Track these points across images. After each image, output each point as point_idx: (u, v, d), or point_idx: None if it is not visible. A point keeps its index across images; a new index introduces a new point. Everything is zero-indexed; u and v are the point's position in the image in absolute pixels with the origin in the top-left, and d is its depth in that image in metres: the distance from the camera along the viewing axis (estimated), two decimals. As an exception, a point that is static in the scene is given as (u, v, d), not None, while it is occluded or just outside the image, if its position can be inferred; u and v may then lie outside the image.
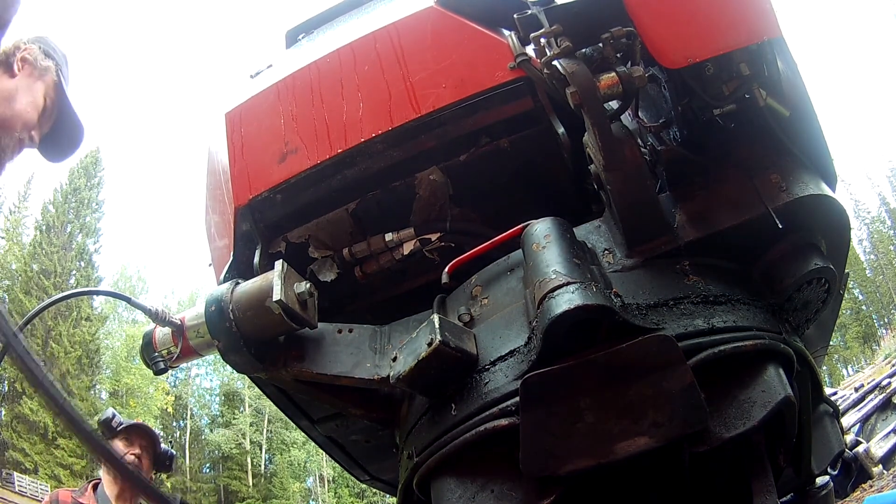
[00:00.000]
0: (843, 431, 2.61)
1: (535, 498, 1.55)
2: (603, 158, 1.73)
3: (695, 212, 1.85)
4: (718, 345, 1.60)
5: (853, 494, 3.91)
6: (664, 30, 1.69)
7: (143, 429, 3.11)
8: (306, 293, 1.96)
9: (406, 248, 2.32)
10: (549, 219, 1.84)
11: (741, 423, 1.54)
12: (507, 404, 1.61)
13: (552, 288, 1.56)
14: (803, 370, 1.81)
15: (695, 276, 1.76)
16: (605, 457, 1.48)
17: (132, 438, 3.03)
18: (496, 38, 2.14)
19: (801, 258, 1.85)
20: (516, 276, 1.86)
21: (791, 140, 1.92)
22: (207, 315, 1.97)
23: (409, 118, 2.14)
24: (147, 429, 3.13)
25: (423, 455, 1.79)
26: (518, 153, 2.21)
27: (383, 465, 3.07)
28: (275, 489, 38.22)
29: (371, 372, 1.95)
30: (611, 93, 1.66)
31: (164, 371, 2.12)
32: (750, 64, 1.76)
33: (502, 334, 1.75)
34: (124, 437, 3.02)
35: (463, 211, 2.34)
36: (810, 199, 1.82)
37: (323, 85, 2.29)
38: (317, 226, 2.37)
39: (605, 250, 1.85)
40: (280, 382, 2.17)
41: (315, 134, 2.24)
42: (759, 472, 1.65)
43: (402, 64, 2.19)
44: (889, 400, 8.13)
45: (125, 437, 3.03)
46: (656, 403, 1.48)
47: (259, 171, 2.31)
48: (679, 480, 1.66)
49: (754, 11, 1.74)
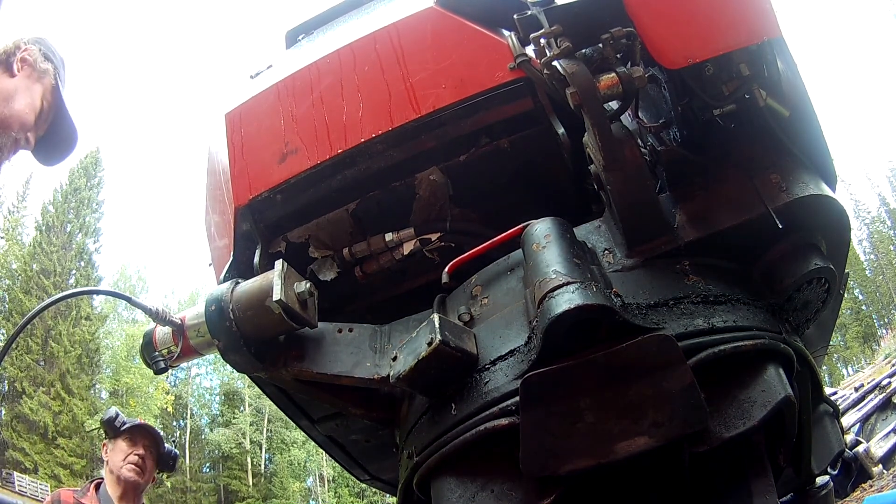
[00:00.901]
0: (843, 431, 2.62)
1: (535, 497, 1.55)
2: (603, 158, 1.73)
3: (695, 212, 1.85)
4: (718, 344, 1.60)
5: (853, 494, 3.91)
6: (664, 30, 1.69)
7: (147, 429, 3.10)
8: (306, 293, 1.96)
9: (406, 248, 2.32)
10: (549, 219, 1.84)
11: (741, 423, 1.54)
12: (507, 404, 1.61)
13: (552, 288, 1.56)
14: (803, 370, 1.81)
15: (695, 276, 1.76)
16: (605, 456, 1.48)
17: (136, 438, 3.03)
18: (496, 39, 2.14)
19: (802, 258, 1.85)
20: (516, 276, 1.86)
21: (791, 140, 1.92)
22: (207, 314, 1.97)
23: (409, 118, 2.14)
24: (151, 429, 3.12)
25: (423, 454, 1.79)
26: (518, 153, 2.21)
27: (383, 464, 3.07)
28: (275, 489, 38.23)
29: (371, 371, 1.95)
30: (611, 93, 1.66)
31: (165, 370, 2.12)
32: (750, 64, 1.76)
33: (502, 334, 1.75)
34: (128, 437, 3.02)
35: (463, 211, 2.34)
36: (810, 199, 1.82)
37: (323, 85, 2.29)
38: (317, 226, 2.37)
39: (605, 250, 1.85)
40: (280, 382, 2.17)
41: (315, 134, 2.24)
42: (759, 471, 1.65)
43: (402, 64, 2.19)
44: (889, 400, 8.13)
45: (129, 438, 3.02)
46: (656, 403, 1.48)
47: (259, 172, 2.31)
48: (679, 480, 1.66)
49: (754, 12, 1.74)
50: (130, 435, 3.02)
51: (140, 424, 3.08)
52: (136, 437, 3.03)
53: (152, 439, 3.08)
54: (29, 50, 1.76)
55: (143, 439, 3.04)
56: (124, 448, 2.98)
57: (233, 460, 39.39)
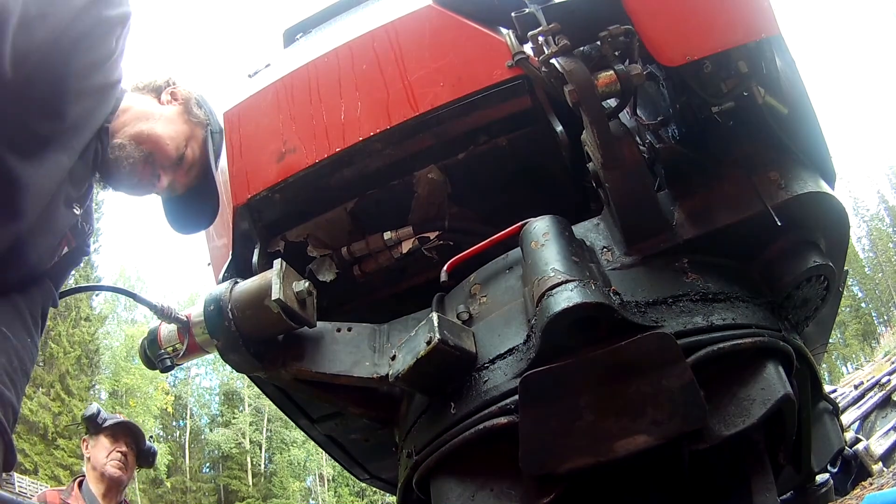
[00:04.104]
0: (842, 429, 2.62)
1: (535, 496, 1.55)
2: (601, 156, 1.72)
3: (693, 209, 1.85)
4: (718, 342, 1.59)
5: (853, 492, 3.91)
6: (662, 27, 1.69)
7: (129, 426, 3.13)
8: (305, 292, 1.96)
9: (405, 247, 2.32)
10: (547, 217, 1.84)
11: (741, 421, 1.54)
12: (507, 402, 1.61)
13: (551, 286, 1.55)
14: (803, 368, 1.80)
15: (694, 274, 1.76)
16: (605, 455, 1.48)
17: (118, 436, 3.05)
18: (494, 37, 2.13)
19: (801, 256, 1.85)
20: (515, 275, 1.86)
21: (790, 138, 1.91)
22: (206, 314, 1.96)
23: (407, 117, 2.14)
24: (132, 426, 3.15)
25: (422, 454, 1.79)
26: (516, 151, 2.21)
27: (383, 463, 3.07)
28: (275, 488, 38.25)
29: (370, 371, 1.95)
30: (609, 91, 1.65)
31: (171, 368, 2.11)
32: (748, 62, 1.76)
33: (501, 332, 1.75)
34: (110, 435, 3.03)
35: (461, 209, 2.34)
36: (809, 196, 1.82)
37: (321, 84, 2.29)
38: (315, 225, 2.37)
39: (604, 248, 1.85)
40: (279, 381, 2.16)
41: (313, 133, 2.24)
42: (759, 469, 1.65)
43: (400, 63, 2.19)
44: (889, 397, 8.13)
45: (111, 435, 3.04)
46: (656, 401, 1.48)
47: (257, 171, 2.31)
48: (679, 478, 1.65)
49: (752, 9, 1.73)
50: (112, 432, 3.04)
51: (122, 422, 3.11)
52: (118, 435, 3.05)
53: (134, 437, 3.10)
54: (180, 86, 1.73)
55: (124, 437, 3.06)
56: (107, 445, 3.01)
57: (233, 460, 39.42)
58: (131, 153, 1.57)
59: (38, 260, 1.43)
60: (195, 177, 1.76)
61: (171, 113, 1.70)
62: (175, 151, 1.66)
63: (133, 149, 1.58)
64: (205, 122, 1.76)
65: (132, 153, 1.57)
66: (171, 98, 1.72)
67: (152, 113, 1.66)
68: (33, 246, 1.39)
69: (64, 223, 1.48)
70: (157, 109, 1.68)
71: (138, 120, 1.61)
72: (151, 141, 1.61)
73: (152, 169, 1.64)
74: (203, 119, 1.75)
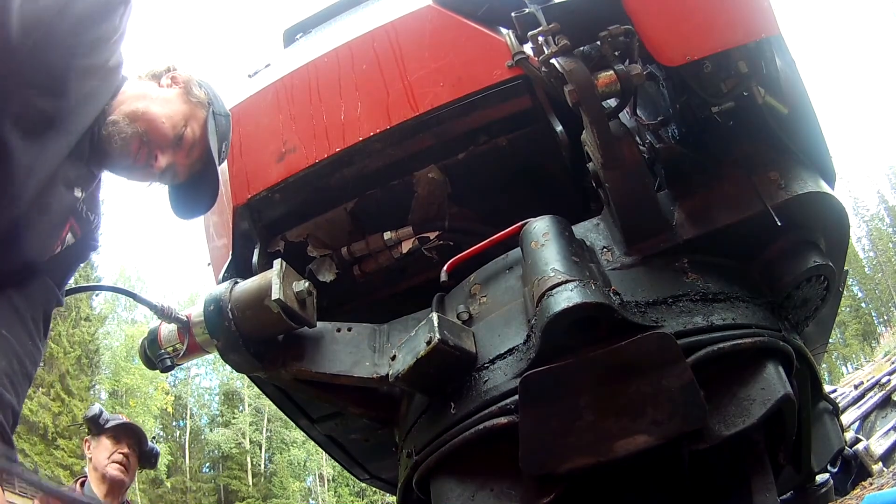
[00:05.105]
0: (842, 429, 2.62)
1: (535, 496, 1.55)
2: (601, 156, 1.72)
3: (693, 209, 1.85)
4: (718, 342, 1.59)
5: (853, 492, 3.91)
6: (662, 27, 1.69)
7: (131, 427, 3.12)
8: (305, 292, 1.96)
9: (405, 247, 2.32)
10: (547, 217, 1.84)
11: (741, 421, 1.54)
12: (507, 402, 1.61)
13: (551, 286, 1.55)
14: (803, 368, 1.80)
15: (694, 274, 1.76)
16: (605, 455, 1.48)
17: (120, 437, 3.04)
18: (494, 37, 2.14)
19: (800, 256, 1.85)
20: (515, 275, 1.86)
21: (790, 138, 1.92)
22: (206, 314, 1.96)
23: (407, 117, 2.14)
24: (135, 427, 3.14)
25: (422, 454, 1.79)
26: (516, 151, 2.21)
27: (383, 463, 3.07)
28: (275, 488, 38.22)
29: (370, 371, 1.95)
30: (609, 91, 1.65)
31: (171, 368, 2.11)
32: (748, 62, 1.76)
33: (501, 332, 1.75)
34: (112, 436, 3.03)
35: (461, 209, 2.34)
36: (809, 196, 1.82)
37: (321, 84, 2.29)
38: (315, 225, 2.37)
39: (604, 248, 1.85)
40: (279, 381, 2.16)
41: (313, 133, 2.24)
42: (759, 469, 1.65)
43: (400, 63, 2.19)
44: (889, 397, 8.12)
45: (113, 436, 3.03)
46: (656, 401, 1.48)
47: (257, 171, 2.31)
48: (679, 478, 1.66)
49: (752, 9, 1.73)
50: (115, 433, 3.03)
51: (124, 424, 3.10)
52: (120, 436, 3.04)
53: (136, 438, 3.10)
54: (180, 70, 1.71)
55: (127, 438, 3.06)
56: (108, 446, 3.00)
57: (233, 460, 39.37)
58: (123, 129, 1.53)
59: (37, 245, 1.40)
60: (197, 159, 1.71)
61: (170, 94, 1.67)
62: (171, 130, 1.61)
63: (126, 125, 1.53)
64: (206, 101, 1.72)
65: (124, 129, 1.53)
66: (171, 82, 1.69)
67: (149, 94, 1.63)
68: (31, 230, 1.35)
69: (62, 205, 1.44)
70: (155, 91, 1.65)
71: (135, 100, 1.58)
72: (146, 119, 1.57)
73: (148, 149, 1.59)
74: (204, 99, 1.72)
